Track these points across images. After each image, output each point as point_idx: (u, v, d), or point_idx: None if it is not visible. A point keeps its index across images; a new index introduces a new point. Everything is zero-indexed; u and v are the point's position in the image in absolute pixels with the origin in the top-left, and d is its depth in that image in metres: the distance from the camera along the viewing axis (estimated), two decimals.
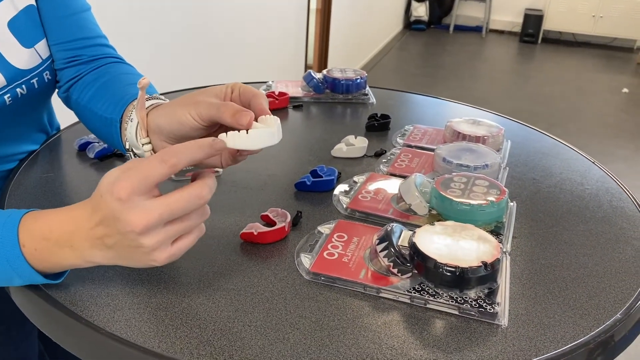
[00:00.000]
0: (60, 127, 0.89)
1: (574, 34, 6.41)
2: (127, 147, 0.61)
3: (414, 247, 0.55)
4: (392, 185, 0.73)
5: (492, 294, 0.53)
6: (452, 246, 0.55)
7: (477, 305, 0.52)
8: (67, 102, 0.76)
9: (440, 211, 0.65)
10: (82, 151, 0.81)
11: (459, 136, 0.84)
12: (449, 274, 0.52)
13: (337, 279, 0.55)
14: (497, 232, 0.64)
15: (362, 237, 0.62)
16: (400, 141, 0.89)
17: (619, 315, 0.53)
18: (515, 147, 0.89)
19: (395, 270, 0.55)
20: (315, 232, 0.63)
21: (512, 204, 0.70)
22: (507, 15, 6.71)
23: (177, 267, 0.57)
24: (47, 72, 0.71)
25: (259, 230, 0.61)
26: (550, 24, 6.31)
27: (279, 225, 0.62)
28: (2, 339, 0.78)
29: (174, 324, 0.49)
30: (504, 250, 0.61)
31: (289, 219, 0.64)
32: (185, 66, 2.02)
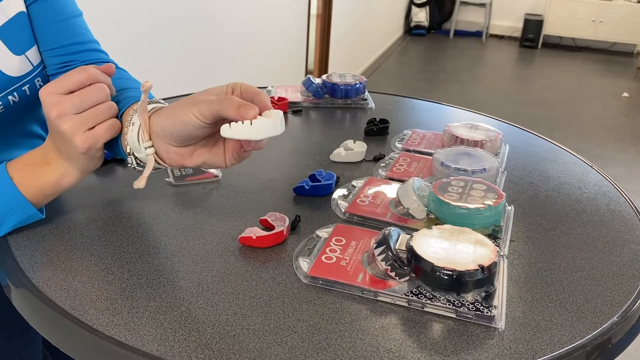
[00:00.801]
0: None
1: (574, 38, 6.42)
2: (128, 151, 0.61)
3: (411, 250, 0.55)
4: (390, 189, 0.74)
5: (489, 297, 0.54)
6: (449, 250, 0.55)
7: (475, 308, 0.52)
8: None
9: (438, 215, 0.65)
10: None
11: (457, 140, 0.84)
12: (446, 277, 0.52)
13: (335, 283, 0.56)
14: (494, 235, 0.64)
15: (360, 241, 0.62)
16: (398, 145, 0.89)
17: (616, 318, 0.53)
18: (513, 151, 0.90)
19: (392, 273, 0.55)
20: (313, 236, 0.63)
21: (509, 207, 0.70)
22: (507, 20, 6.73)
23: (176, 270, 0.57)
24: (38, 78, 0.71)
25: (258, 234, 0.61)
26: (550, 28, 6.32)
27: (277, 229, 0.62)
28: (5, 346, 0.79)
29: (173, 327, 0.50)
30: (501, 253, 0.62)
31: (288, 223, 0.64)
32: (185, 71, 2.03)
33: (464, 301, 0.53)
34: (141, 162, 0.61)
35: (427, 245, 0.55)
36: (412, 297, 0.54)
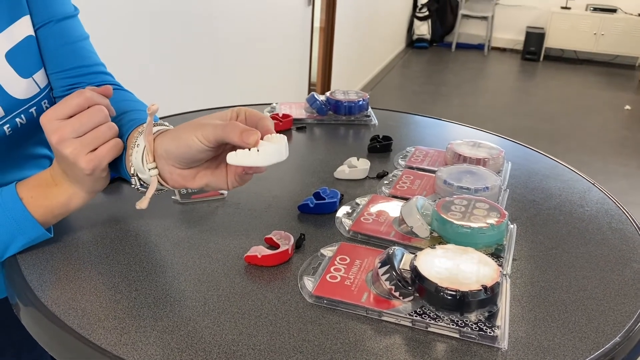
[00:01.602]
0: None
1: (576, 51, 6.45)
2: (132, 172, 0.62)
3: (415, 270, 0.56)
4: (393, 207, 0.74)
5: (492, 317, 0.54)
6: (452, 269, 0.56)
7: (478, 328, 0.53)
8: None
9: (441, 234, 0.66)
10: None
11: (460, 158, 0.85)
12: (449, 297, 0.53)
13: (340, 303, 0.56)
14: (497, 254, 0.65)
15: (364, 259, 0.63)
16: (402, 163, 0.90)
17: (618, 338, 0.54)
18: (515, 169, 0.90)
19: (397, 293, 0.55)
20: (318, 254, 0.64)
21: (512, 226, 0.71)
22: (509, 33, 6.77)
23: (182, 289, 0.58)
24: (45, 100, 0.73)
25: (263, 253, 0.62)
26: (552, 41, 6.36)
27: (282, 248, 0.63)
28: None
29: (180, 347, 0.50)
30: (504, 272, 0.62)
31: (292, 241, 0.65)
32: (188, 88, 2.05)
33: (467, 321, 0.53)
34: (144, 183, 0.62)
35: (430, 265, 0.56)
36: (416, 317, 0.54)
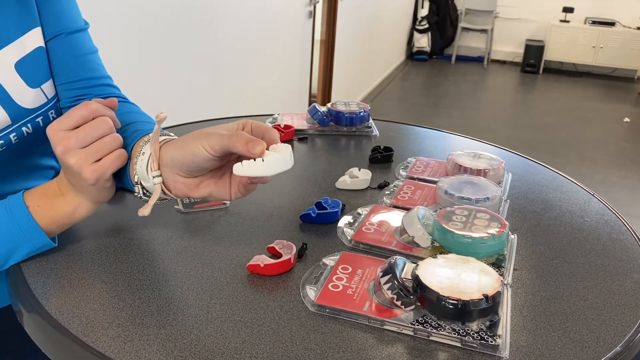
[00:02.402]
0: None
1: (575, 64, 6.49)
2: (136, 180, 0.62)
3: (417, 279, 0.56)
4: (395, 217, 0.75)
5: (493, 326, 0.54)
6: (454, 279, 0.56)
7: (479, 337, 0.53)
8: None
9: (442, 244, 0.66)
10: None
11: (461, 169, 0.86)
12: (451, 306, 0.53)
13: (342, 311, 0.56)
14: (498, 264, 0.65)
15: (366, 269, 0.63)
16: (403, 173, 0.91)
17: (618, 348, 0.54)
18: (515, 180, 0.91)
19: (398, 302, 0.56)
20: (320, 263, 0.64)
21: (513, 236, 0.71)
22: (508, 45, 6.81)
23: (185, 298, 0.58)
24: (52, 110, 0.74)
25: (266, 262, 0.62)
26: (551, 54, 6.40)
27: (284, 257, 0.63)
28: None
29: (183, 355, 0.50)
30: (505, 282, 0.63)
31: (295, 250, 0.65)
32: (191, 100, 2.06)
33: (469, 330, 0.54)
34: (148, 191, 0.63)
35: (432, 274, 0.57)
36: (418, 326, 0.54)
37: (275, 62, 2.82)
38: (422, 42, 6.64)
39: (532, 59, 6.40)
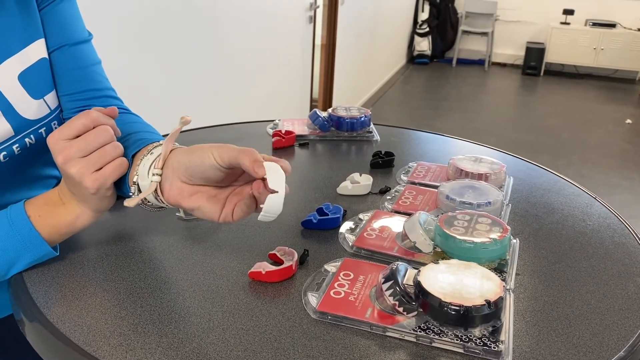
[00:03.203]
0: None
1: (576, 66, 6.49)
2: (135, 180, 0.62)
3: (419, 285, 0.56)
4: (396, 222, 0.75)
5: (496, 332, 0.54)
6: (456, 285, 0.56)
7: (482, 343, 0.53)
8: None
9: (444, 249, 0.66)
10: None
11: (462, 173, 0.86)
12: (453, 312, 0.53)
13: (344, 318, 0.56)
14: (500, 269, 0.65)
15: (367, 275, 0.63)
16: (404, 178, 0.91)
17: (622, 352, 0.54)
18: (517, 184, 0.91)
19: (400, 309, 0.56)
20: (322, 270, 0.64)
21: (514, 241, 0.71)
22: (509, 48, 6.82)
23: (187, 306, 0.58)
24: (55, 121, 0.74)
25: (267, 269, 0.62)
26: (552, 56, 6.40)
27: (286, 264, 0.63)
28: None
29: None
30: (508, 287, 0.62)
31: (296, 257, 0.65)
32: (191, 106, 2.06)
33: (471, 336, 0.53)
34: (141, 190, 0.63)
35: (434, 280, 0.56)
36: (420, 332, 0.54)
37: (276, 67, 2.83)
38: (423, 45, 6.65)
39: (533, 62, 6.40)
